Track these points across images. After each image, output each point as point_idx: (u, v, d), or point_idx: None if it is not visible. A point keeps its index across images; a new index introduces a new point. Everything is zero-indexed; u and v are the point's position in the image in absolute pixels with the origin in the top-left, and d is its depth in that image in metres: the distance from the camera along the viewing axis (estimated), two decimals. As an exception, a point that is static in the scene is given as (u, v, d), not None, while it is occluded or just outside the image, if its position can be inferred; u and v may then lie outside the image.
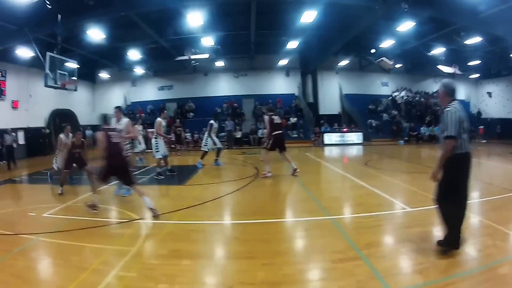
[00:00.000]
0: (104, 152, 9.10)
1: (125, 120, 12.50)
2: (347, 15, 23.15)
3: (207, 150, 17.79)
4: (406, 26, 23.51)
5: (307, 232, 7.32)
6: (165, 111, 18.20)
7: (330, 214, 8.42)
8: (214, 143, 18.07)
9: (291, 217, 8.92)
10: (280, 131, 14.59)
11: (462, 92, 40.30)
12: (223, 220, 8.87)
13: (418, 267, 5.39)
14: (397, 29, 24.29)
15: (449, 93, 5.78)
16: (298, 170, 14.40)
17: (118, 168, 9.23)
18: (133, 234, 7.72)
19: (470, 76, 39.70)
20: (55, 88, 21.13)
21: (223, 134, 31.29)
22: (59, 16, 19.63)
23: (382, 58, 30.97)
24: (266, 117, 14.70)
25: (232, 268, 5.67)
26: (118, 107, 12.88)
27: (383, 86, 41.19)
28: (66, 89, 21.97)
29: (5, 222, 9.07)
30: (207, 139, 18.14)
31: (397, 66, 34.56)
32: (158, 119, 15.43)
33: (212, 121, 17.64)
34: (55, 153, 14.40)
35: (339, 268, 5.41)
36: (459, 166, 5.59)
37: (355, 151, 28.31)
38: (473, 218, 7.64)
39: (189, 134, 33.36)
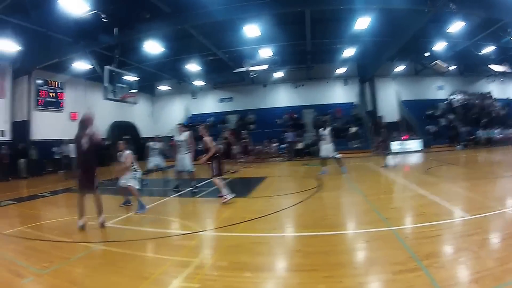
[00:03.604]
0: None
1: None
2: (398, 20, 23.05)
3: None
4: (456, 26, 23.56)
5: (368, 244, 7.26)
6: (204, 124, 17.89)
7: (390, 224, 8.34)
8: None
9: (352, 229, 8.85)
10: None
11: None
12: (285, 232, 8.84)
13: (475, 276, 5.32)
14: (447, 30, 24.28)
15: None
16: None
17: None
18: (195, 245, 7.80)
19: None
20: (114, 101, 21.59)
21: (284, 145, 31.33)
22: (115, 29, 20.14)
23: (436, 62, 30.46)
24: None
25: (293, 281, 5.67)
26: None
27: (439, 90, 40.42)
28: (126, 102, 22.41)
29: (64, 230, 9.39)
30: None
31: (451, 68, 33.87)
32: (190, 131, 15.55)
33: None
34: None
35: (399, 280, 5.37)
36: None
37: (415, 158, 27.83)
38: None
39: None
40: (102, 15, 18.70)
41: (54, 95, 30.23)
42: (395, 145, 29.67)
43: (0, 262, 7.29)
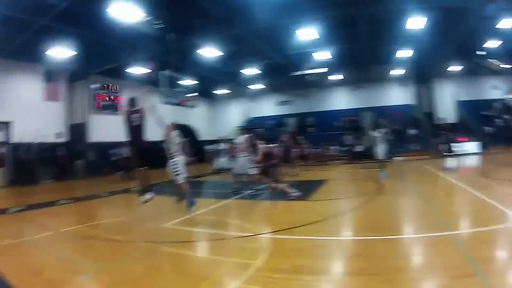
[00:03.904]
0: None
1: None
2: (451, 19, 22.46)
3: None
4: (508, 23, 22.61)
5: (427, 248, 7.03)
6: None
7: (448, 229, 8.12)
8: None
9: (411, 233, 8.60)
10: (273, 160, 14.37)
11: None
12: (345, 236, 8.73)
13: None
14: (499, 27, 23.44)
15: None
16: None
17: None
18: (255, 248, 7.70)
19: None
20: (173, 104, 21.75)
21: (343, 148, 31.08)
22: (171, 35, 20.31)
23: (490, 60, 29.57)
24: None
25: (352, 285, 5.56)
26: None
27: (495, 90, 38.77)
28: (185, 105, 22.56)
29: (124, 230, 9.49)
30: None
31: (506, 66, 32.88)
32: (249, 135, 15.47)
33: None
34: None
35: (455, 285, 5.19)
36: None
37: (473, 161, 27.11)
38: None
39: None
40: (157, 22, 18.85)
41: (110, 98, 30.83)
42: (453, 147, 28.97)
43: (60, 258, 7.38)
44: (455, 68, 36.46)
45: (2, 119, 23.48)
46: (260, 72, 33.35)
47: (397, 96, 38.80)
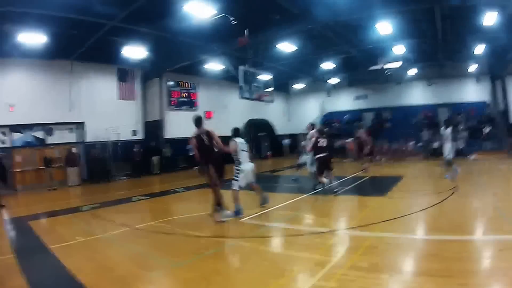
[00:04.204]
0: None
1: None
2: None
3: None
4: None
5: (502, 252, 6.65)
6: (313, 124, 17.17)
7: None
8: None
9: (487, 235, 8.15)
10: (323, 154, 14.05)
11: None
12: (421, 235, 8.41)
13: None
14: None
15: None
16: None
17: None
18: (332, 244, 7.59)
19: None
20: (250, 100, 21.58)
21: (420, 144, 30.23)
22: (246, 31, 20.11)
23: None
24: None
25: (428, 286, 5.30)
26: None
27: None
28: (262, 101, 22.35)
29: (197, 225, 9.50)
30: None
31: None
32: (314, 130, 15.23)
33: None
34: None
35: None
36: None
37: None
38: None
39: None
40: (231, 18, 18.69)
41: (186, 95, 31.09)
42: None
43: (133, 255, 7.49)
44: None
45: (77, 120, 24.06)
46: (336, 66, 32.66)
47: (473, 93, 36.99)
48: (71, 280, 6.00)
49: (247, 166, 10.97)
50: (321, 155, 13.77)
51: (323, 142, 13.86)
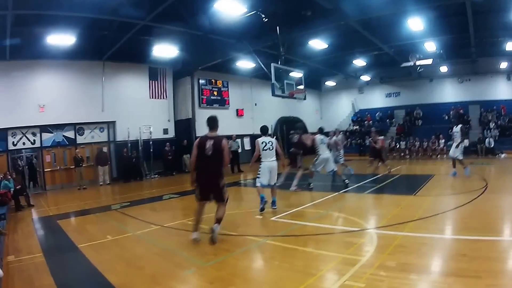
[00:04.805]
0: None
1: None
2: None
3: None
4: None
5: None
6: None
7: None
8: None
9: None
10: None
11: None
12: (451, 234, 8.29)
13: None
14: None
15: None
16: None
17: None
18: (363, 243, 7.51)
19: None
20: (282, 97, 21.51)
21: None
22: (278, 28, 20.01)
23: None
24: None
25: (455, 286, 5.21)
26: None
27: None
28: (294, 98, 22.24)
29: (230, 223, 9.39)
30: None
31: None
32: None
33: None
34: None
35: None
36: None
37: None
38: None
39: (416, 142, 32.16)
40: (262, 15, 18.59)
41: (218, 93, 31.10)
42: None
43: (163, 253, 7.50)
44: None
45: (107, 119, 24.31)
46: (368, 63, 32.69)
47: (504, 90, 36.26)
48: (101, 278, 6.02)
49: (266, 164, 11.12)
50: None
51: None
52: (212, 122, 8.32)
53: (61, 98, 21.91)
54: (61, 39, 18.46)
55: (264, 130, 11.40)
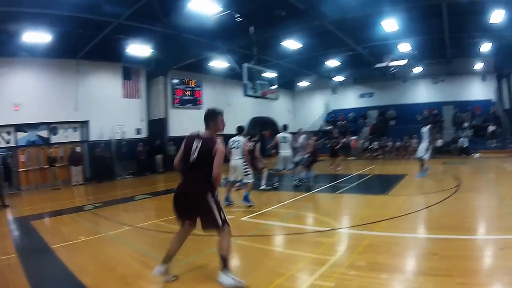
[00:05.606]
0: None
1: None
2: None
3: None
4: None
5: (503, 251, 6.66)
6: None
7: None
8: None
9: (487, 234, 8.20)
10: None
11: None
12: (422, 233, 8.45)
13: None
14: None
15: None
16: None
17: None
18: (333, 243, 7.64)
19: None
20: (255, 97, 21.66)
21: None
22: (251, 28, 20.15)
23: None
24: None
25: (427, 286, 5.31)
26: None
27: None
28: (267, 98, 22.40)
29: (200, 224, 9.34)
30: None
31: None
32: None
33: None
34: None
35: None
36: None
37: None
38: None
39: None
40: (236, 15, 18.72)
41: (191, 93, 31.10)
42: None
43: (134, 254, 7.54)
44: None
45: (80, 119, 24.14)
46: (342, 64, 32.80)
47: (479, 91, 36.94)
48: (74, 279, 6.04)
49: (232, 162, 11.85)
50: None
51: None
52: (205, 117, 6.26)
53: (36, 97, 21.73)
54: (37, 37, 18.40)
55: (239, 130, 12.17)
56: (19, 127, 21.47)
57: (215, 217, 5.60)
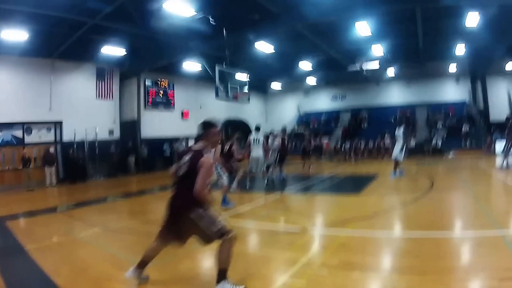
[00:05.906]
0: None
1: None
2: (508, 17, 21.43)
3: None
4: None
5: (477, 248, 6.82)
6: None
7: (500, 229, 7.82)
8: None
9: (461, 232, 8.36)
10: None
11: None
12: (395, 232, 8.57)
13: None
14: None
15: None
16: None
17: None
18: (305, 242, 7.73)
19: None
20: (226, 100, 21.81)
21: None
22: (224, 31, 20.29)
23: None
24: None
25: (400, 284, 5.38)
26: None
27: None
28: (239, 100, 22.58)
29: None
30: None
31: None
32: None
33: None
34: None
35: (505, 287, 5.02)
36: None
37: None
38: None
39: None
40: (210, 19, 18.85)
41: (163, 94, 31.18)
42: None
43: (104, 256, 7.53)
44: (510, 66, 34.90)
45: (54, 119, 24.00)
46: (314, 66, 33.07)
47: (453, 92, 37.76)
48: (47, 281, 6.03)
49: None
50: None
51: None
52: (201, 128, 5.68)
53: (11, 96, 21.59)
54: (12, 34, 18.39)
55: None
56: (-7, 127, 21.24)
57: (206, 233, 5.34)
